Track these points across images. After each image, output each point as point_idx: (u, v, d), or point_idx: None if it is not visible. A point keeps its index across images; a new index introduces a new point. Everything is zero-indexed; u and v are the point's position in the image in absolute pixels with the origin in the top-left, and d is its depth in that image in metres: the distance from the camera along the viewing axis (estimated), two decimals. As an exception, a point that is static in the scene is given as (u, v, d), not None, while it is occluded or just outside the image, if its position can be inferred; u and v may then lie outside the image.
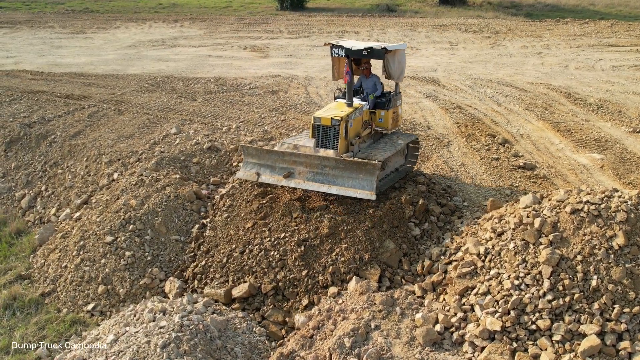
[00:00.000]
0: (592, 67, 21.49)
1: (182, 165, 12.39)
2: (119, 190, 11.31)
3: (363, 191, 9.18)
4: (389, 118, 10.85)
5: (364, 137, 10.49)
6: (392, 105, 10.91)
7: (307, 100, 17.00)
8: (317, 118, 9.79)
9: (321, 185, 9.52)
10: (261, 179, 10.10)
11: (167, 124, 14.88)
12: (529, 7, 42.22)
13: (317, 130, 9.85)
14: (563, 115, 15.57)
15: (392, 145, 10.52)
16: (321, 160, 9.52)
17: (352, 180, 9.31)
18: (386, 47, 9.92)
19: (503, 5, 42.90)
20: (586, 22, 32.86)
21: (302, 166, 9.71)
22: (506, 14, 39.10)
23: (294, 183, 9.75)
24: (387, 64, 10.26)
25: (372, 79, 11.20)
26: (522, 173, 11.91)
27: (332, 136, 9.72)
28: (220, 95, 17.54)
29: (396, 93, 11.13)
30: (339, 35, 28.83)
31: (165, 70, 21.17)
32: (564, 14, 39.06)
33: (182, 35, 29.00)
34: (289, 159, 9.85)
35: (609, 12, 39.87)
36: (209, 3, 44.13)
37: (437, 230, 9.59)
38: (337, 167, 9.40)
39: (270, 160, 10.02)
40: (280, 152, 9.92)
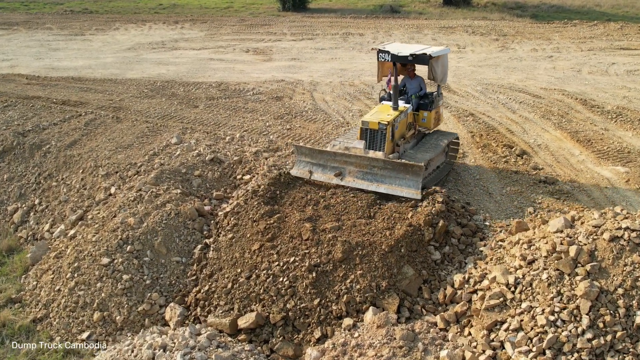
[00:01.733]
0: (605, 72, 20.82)
1: (183, 178, 11.72)
2: (116, 207, 10.63)
3: (409, 190, 9.75)
4: (432, 119, 11.45)
5: (408, 138, 11.08)
6: (434, 106, 11.46)
7: (314, 107, 16.31)
8: (365, 122, 10.39)
9: (370, 184, 10.06)
10: (313, 176, 10.57)
11: (167, 132, 14.20)
12: (534, 8, 41.57)
13: (364, 133, 10.44)
14: (581, 123, 14.90)
15: (435, 145, 11.18)
16: (370, 161, 10.04)
17: (399, 180, 9.87)
18: (431, 54, 10.44)
19: (508, 6, 42.26)
20: (595, 24, 32.18)
21: (352, 166, 10.24)
22: (512, 15, 38.43)
23: (344, 182, 10.23)
24: (432, 68, 11.00)
25: (417, 80, 11.68)
26: (544, 188, 11.24)
27: (379, 139, 10.31)
28: (223, 102, 16.86)
29: (439, 94, 11.70)
30: (343, 37, 28.15)
31: (166, 74, 20.48)
32: (571, 15, 38.42)
33: (183, 37, 28.31)
34: (340, 159, 10.34)
35: (616, 13, 39.22)
36: (210, 4, 43.43)
37: (459, 254, 8.91)
38: (385, 168, 9.95)
39: (323, 159, 10.52)
40: (332, 152, 10.41)
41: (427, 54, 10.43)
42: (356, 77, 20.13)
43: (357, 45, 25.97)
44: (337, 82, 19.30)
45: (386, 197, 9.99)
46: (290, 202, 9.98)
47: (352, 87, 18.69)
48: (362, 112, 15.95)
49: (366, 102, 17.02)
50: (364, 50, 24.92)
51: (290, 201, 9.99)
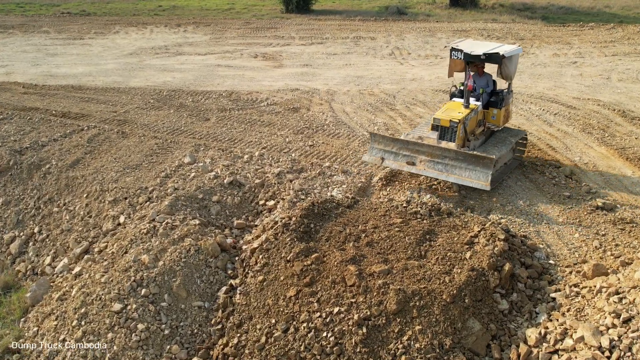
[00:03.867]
0: (636, 79, 19.69)
1: (200, 205, 10.52)
2: (127, 240, 9.40)
3: (479, 181, 10.08)
4: (501, 116, 11.61)
5: (477, 134, 11.21)
6: (504, 103, 11.59)
7: (335, 120, 15.11)
8: (437, 119, 10.71)
9: (440, 173, 10.44)
10: (385, 163, 10.99)
11: (178, 150, 12.98)
12: (542, 10, 40.57)
13: (436, 130, 10.78)
14: (625, 139, 13.75)
15: (504, 143, 11.34)
16: (442, 151, 10.38)
17: (470, 171, 10.21)
18: (504, 54, 10.61)
19: (515, 7, 41.24)
20: (613, 27, 31.07)
21: (424, 155, 10.58)
22: (522, 17, 37.37)
23: (415, 170, 10.66)
24: (503, 67, 11.20)
25: (485, 77, 11.80)
26: (604, 217, 10.06)
27: (450, 136, 10.57)
28: (236, 114, 15.64)
29: (508, 92, 11.81)
30: (354, 41, 26.94)
31: (172, 82, 19.23)
32: (581, 17, 37.38)
33: (186, 41, 27.04)
34: (412, 148, 10.69)
35: (626, 14, 38.23)
36: (211, 5, 42.16)
37: (527, 302, 7.72)
38: (457, 159, 10.29)
39: (396, 147, 10.87)
40: (405, 140, 10.80)
41: (500, 53, 10.58)
42: (374, 85, 18.94)
43: (370, 50, 24.77)
44: (355, 91, 18.10)
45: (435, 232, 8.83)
46: (327, 237, 8.78)
47: (372, 96, 17.49)
48: (387, 125, 14.78)
49: (390, 113, 15.83)
50: (378, 56, 23.73)
51: (327, 236, 8.80)
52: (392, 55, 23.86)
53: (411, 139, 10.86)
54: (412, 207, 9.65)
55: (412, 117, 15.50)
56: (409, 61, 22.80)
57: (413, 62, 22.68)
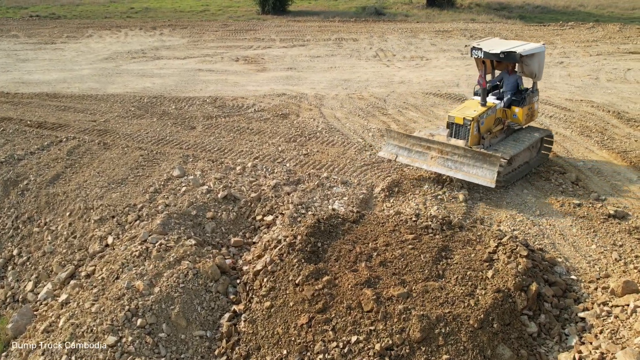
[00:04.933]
0: (624, 79, 19.54)
1: (194, 222, 9.85)
2: (117, 264, 8.68)
3: (485, 179, 10.17)
4: (523, 114, 11.44)
5: (495, 132, 11.33)
6: (527, 102, 11.44)
7: (327, 126, 14.53)
8: (452, 117, 10.95)
9: (449, 170, 10.63)
10: (398, 159, 11.22)
11: (166, 162, 12.27)
12: (519, 9, 40.62)
13: (450, 127, 11.02)
14: (625, 141, 13.47)
15: (521, 141, 11.21)
16: (452, 148, 10.60)
17: (477, 168, 10.33)
18: (521, 53, 10.62)
19: (492, 7, 41.23)
20: (592, 26, 31.11)
21: (435, 152, 10.79)
22: (500, 16, 37.32)
23: (425, 165, 10.88)
24: (525, 66, 11.24)
25: (514, 76, 11.55)
26: (618, 225, 9.68)
27: (464, 133, 10.77)
28: (223, 121, 14.96)
29: (533, 90, 11.67)
30: (337, 43, 26.40)
31: (152, 88, 18.44)
32: (557, 16, 37.53)
33: (164, 45, 26.17)
34: (424, 144, 10.93)
35: (601, 13, 38.46)
36: (185, 7, 41.22)
37: (556, 323, 7.25)
38: (465, 156, 10.45)
39: (409, 144, 11.12)
40: (418, 137, 11.15)
41: (517, 52, 10.57)
42: (363, 88, 18.42)
43: (354, 52, 24.25)
44: (343, 95, 17.55)
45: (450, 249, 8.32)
46: (336, 257, 8.20)
47: (362, 100, 16.97)
48: (381, 130, 14.26)
49: (382, 118, 15.32)
50: (363, 58, 23.22)
51: (336, 256, 8.22)
52: (377, 57, 23.38)
53: (423, 136, 11.19)
54: (422, 220, 9.14)
55: (405, 121, 15.01)
56: (394, 63, 22.34)
57: (399, 64, 22.23)
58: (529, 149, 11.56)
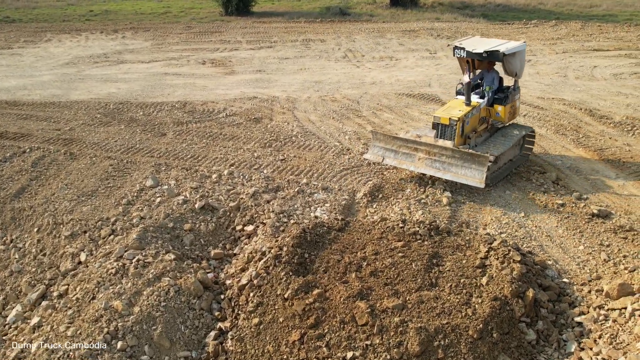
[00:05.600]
0: (592, 76, 19.79)
1: (172, 235, 9.41)
2: (92, 283, 8.19)
3: (474, 179, 10.12)
4: (506, 112, 11.54)
5: (480, 131, 11.36)
6: (509, 100, 11.55)
7: (302, 130, 14.21)
8: (437, 117, 10.84)
9: (437, 170, 10.56)
10: (385, 161, 11.12)
11: (137, 171, 11.77)
12: (481, 8, 41.07)
13: (436, 127, 10.91)
14: (600, 139, 13.55)
15: (506, 139, 11.26)
16: (440, 149, 10.49)
17: (465, 169, 10.27)
18: (504, 52, 10.74)
19: (454, 6, 41.59)
20: (555, 24, 31.58)
21: (422, 153, 10.71)
22: (463, 15, 37.64)
23: (413, 167, 10.81)
24: (507, 64, 11.17)
25: (492, 74, 11.66)
26: (603, 225, 9.64)
27: (450, 133, 10.69)
28: (194, 127, 14.49)
29: (514, 88, 11.77)
30: (304, 44, 26.09)
31: (117, 93, 17.81)
32: (519, 15, 38.06)
33: (126, 48, 25.42)
34: (411, 146, 10.82)
35: (561, 11, 39.18)
36: (146, 9, 40.30)
37: (553, 329, 7.09)
38: (453, 157, 10.36)
39: (396, 145, 11.00)
40: (404, 139, 10.97)
41: (501, 51, 10.69)
42: (335, 90, 18.17)
43: (323, 53, 23.98)
44: (316, 98, 17.26)
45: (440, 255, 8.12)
46: (325, 268, 7.90)
47: (336, 102, 16.71)
48: (358, 133, 14.02)
49: (357, 120, 15.08)
50: (332, 59, 22.98)
51: (325, 267, 7.92)
52: (346, 58, 23.17)
53: (410, 137, 11.02)
54: (410, 226, 8.91)
55: (381, 123, 14.81)
56: (364, 64, 22.16)
57: (369, 64, 22.06)
58: (513, 147, 11.55)
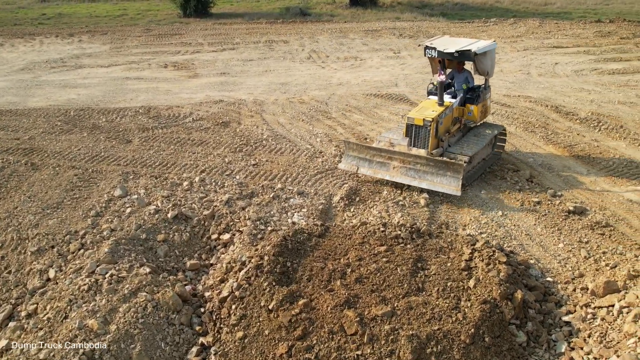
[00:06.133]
0: (554, 73, 20.11)
1: (145, 247, 9.05)
2: (64, 301, 7.77)
3: (450, 187, 10.09)
4: (478, 112, 11.53)
5: (453, 132, 11.30)
6: (481, 99, 11.55)
7: (272, 133, 13.95)
8: (411, 118, 10.71)
9: (412, 179, 10.50)
10: (360, 170, 11.04)
11: (104, 181, 11.32)
12: (440, 7, 41.50)
13: (410, 128, 10.77)
14: (568, 135, 13.72)
15: (479, 139, 11.26)
16: (414, 157, 10.46)
17: (441, 177, 10.24)
18: (476, 52, 10.65)
19: (413, 5, 41.92)
20: (514, 22, 32.07)
21: (396, 162, 10.65)
22: (423, 14, 37.96)
23: (389, 176, 10.70)
24: (478, 63, 11.09)
25: (464, 74, 11.66)
26: (579, 222, 9.70)
27: (424, 135, 10.60)
28: (161, 133, 14.07)
29: (485, 87, 11.79)
30: (267, 45, 25.79)
31: (77, 100, 17.20)
32: (478, 13, 38.62)
33: (84, 52, 24.65)
34: (385, 155, 10.75)
35: (517, 9, 39.93)
36: (101, 12, 39.31)
37: (543, 330, 7.04)
38: (428, 165, 10.34)
39: (369, 154, 10.92)
40: (378, 148, 10.88)
41: (472, 50, 10.63)
42: (302, 92, 17.96)
43: (287, 55, 23.74)
44: (283, 100, 17.02)
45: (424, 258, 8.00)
46: (309, 276, 7.68)
47: (304, 104, 16.50)
48: (329, 135, 13.85)
49: (327, 122, 14.91)
50: (297, 60, 22.75)
51: (308, 275, 7.70)
52: (311, 59, 22.98)
53: (383, 146, 10.94)
54: (391, 230, 8.77)
55: (351, 125, 14.67)
56: (329, 64, 22.02)
57: (334, 65, 21.93)
58: (486, 146, 11.56)
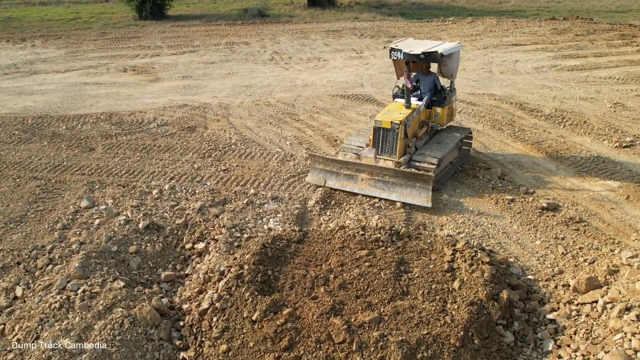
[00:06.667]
0: (515, 71, 20.44)
1: (117, 260, 8.70)
2: (34, 320, 7.38)
3: (420, 198, 10.00)
4: (444, 115, 11.46)
5: (420, 135, 11.22)
6: (447, 102, 11.44)
7: (241, 137, 13.70)
8: (378, 121, 10.56)
9: (382, 191, 10.31)
10: (328, 184, 10.79)
11: (68, 191, 10.89)
12: (397, 6, 41.89)
13: (377, 132, 10.63)
14: (534, 132, 13.91)
15: (447, 142, 11.16)
16: (381, 170, 10.31)
17: (410, 188, 10.11)
18: (442, 53, 10.54)
19: (371, 4, 42.17)
20: (472, 20, 32.51)
21: (364, 174, 10.47)
22: (382, 14, 38.22)
23: (357, 189, 10.48)
24: (443, 66, 11.04)
25: (431, 76, 11.53)
26: (554, 218, 9.80)
27: (392, 138, 10.50)
28: (125, 140, 13.64)
29: (451, 89, 11.68)
30: (229, 47, 25.45)
31: (34, 107, 16.56)
32: (433, 12, 39.16)
33: (38, 57, 23.81)
34: (352, 167, 10.57)
35: (473, 7, 40.65)
36: (53, 15, 38.17)
37: (529, 329, 7.04)
38: (396, 176, 10.19)
39: (336, 167, 10.74)
40: (344, 161, 10.73)
41: (439, 52, 10.51)
42: (267, 94, 17.74)
43: (249, 56, 23.45)
44: (249, 102, 16.77)
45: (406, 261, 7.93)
46: (291, 284, 7.50)
47: (270, 107, 16.28)
48: (299, 138, 13.68)
49: (296, 125, 14.74)
50: (259, 62, 22.49)
51: (291, 283, 7.52)
52: (274, 61, 22.76)
53: (350, 159, 10.75)
54: (370, 233, 8.67)
55: (320, 127, 14.54)
56: (293, 66, 21.85)
57: (298, 66, 21.77)
58: (453, 149, 11.49)
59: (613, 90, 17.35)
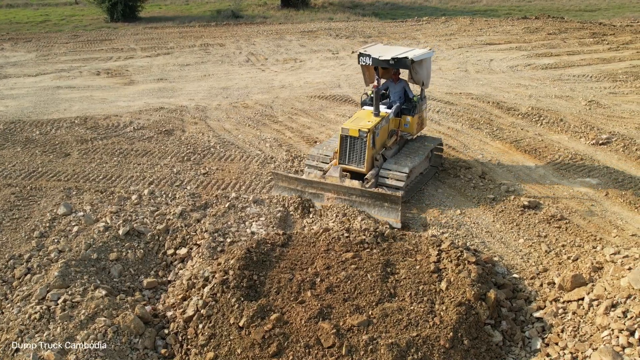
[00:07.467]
0: (490, 70, 20.62)
1: (98, 267, 8.50)
2: (13, 332, 7.17)
3: (389, 218, 9.57)
4: (414, 124, 11.10)
5: (390, 145, 10.84)
6: (417, 111, 11.08)
7: (219, 140, 13.55)
8: (345, 129, 10.15)
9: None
10: None
11: (45, 198, 10.63)
12: (370, 7, 42.03)
13: (344, 140, 10.23)
14: (513, 131, 14.03)
15: (417, 153, 10.84)
16: (348, 189, 9.88)
17: (378, 208, 9.72)
18: (413, 59, 10.03)
19: (344, 5, 42.23)
20: (445, 20, 32.75)
21: (330, 192, 10.09)
22: (355, 14, 38.28)
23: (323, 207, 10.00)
24: (414, 72, 10.51)
25: (401, 84, 11.17)
26: (535, 216, 9.88)
27: (360, 146, 10.13)
28: (101, 144, 13.38)
29: (421, 98, 11.29)
30: (203, 49, 25.19)
31: (6, 112, 16.15)
32: (407, 12, 39.40)
33: (8, 61, 23.27)
34: (317, 186, 10.16)
35: (445, 7, 41.00)
36: (21, 18, 37.39)
37: (516, 328, 7.06)
38: (363, 196, 9.79)
39: (300, 186, 10.35)
40: (308, 180, 10.24)
41: (409, 58, 10.04)
42: (245, 96, 17.59)
43: (225, 58, 23.25)
44: (227, 105, 16.61)
45: (392, 263, 7.89)
46: (277, 289, 7.41)
47: (248, 109, 16.15)
48: (278, 140, 13.59)
49: (274, 126, 14.63)
50: (235, 63, 22.31)
51: (277, 288, 7.42)
52: (250, 62, 22.61)
53: (314, 178, 10.24)
54: (355, 235, 8.60)
55: (299, 128, 14.46)
56: (269, 67, 21.73)
57: (274, 67, 21.65)
58: (424, 161, 11.23)
59: (587, 88, 17.62)
